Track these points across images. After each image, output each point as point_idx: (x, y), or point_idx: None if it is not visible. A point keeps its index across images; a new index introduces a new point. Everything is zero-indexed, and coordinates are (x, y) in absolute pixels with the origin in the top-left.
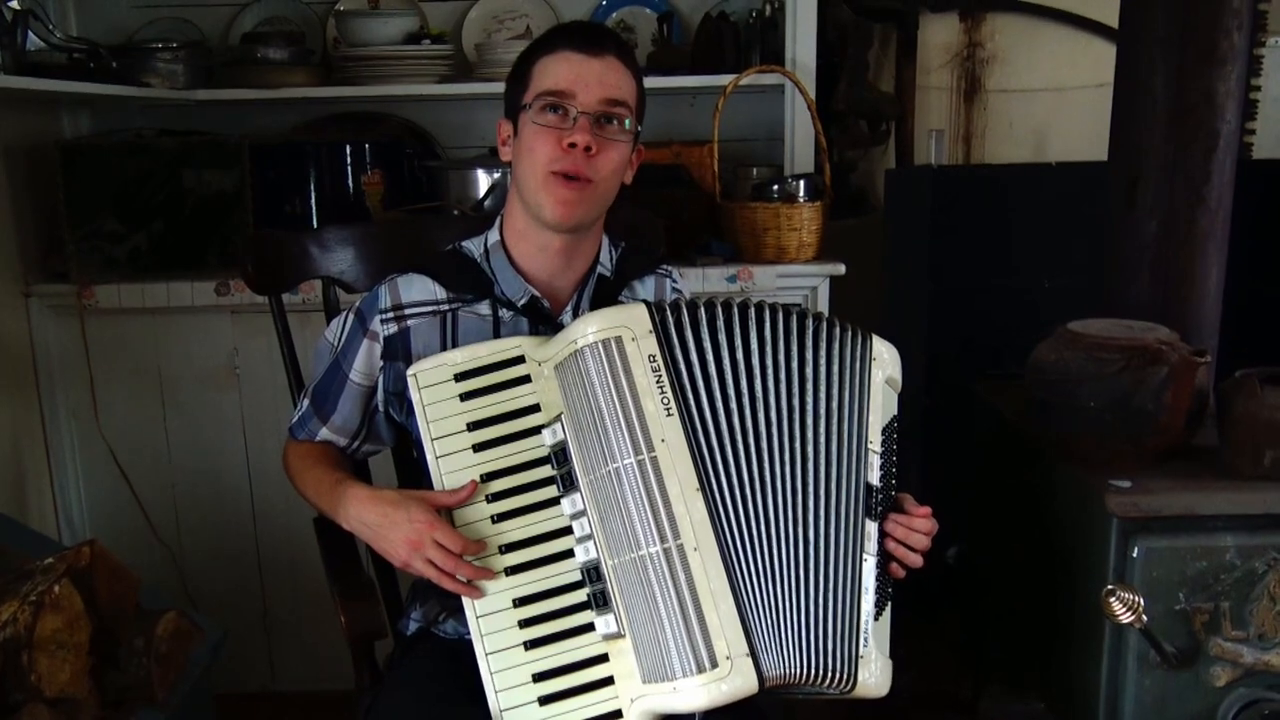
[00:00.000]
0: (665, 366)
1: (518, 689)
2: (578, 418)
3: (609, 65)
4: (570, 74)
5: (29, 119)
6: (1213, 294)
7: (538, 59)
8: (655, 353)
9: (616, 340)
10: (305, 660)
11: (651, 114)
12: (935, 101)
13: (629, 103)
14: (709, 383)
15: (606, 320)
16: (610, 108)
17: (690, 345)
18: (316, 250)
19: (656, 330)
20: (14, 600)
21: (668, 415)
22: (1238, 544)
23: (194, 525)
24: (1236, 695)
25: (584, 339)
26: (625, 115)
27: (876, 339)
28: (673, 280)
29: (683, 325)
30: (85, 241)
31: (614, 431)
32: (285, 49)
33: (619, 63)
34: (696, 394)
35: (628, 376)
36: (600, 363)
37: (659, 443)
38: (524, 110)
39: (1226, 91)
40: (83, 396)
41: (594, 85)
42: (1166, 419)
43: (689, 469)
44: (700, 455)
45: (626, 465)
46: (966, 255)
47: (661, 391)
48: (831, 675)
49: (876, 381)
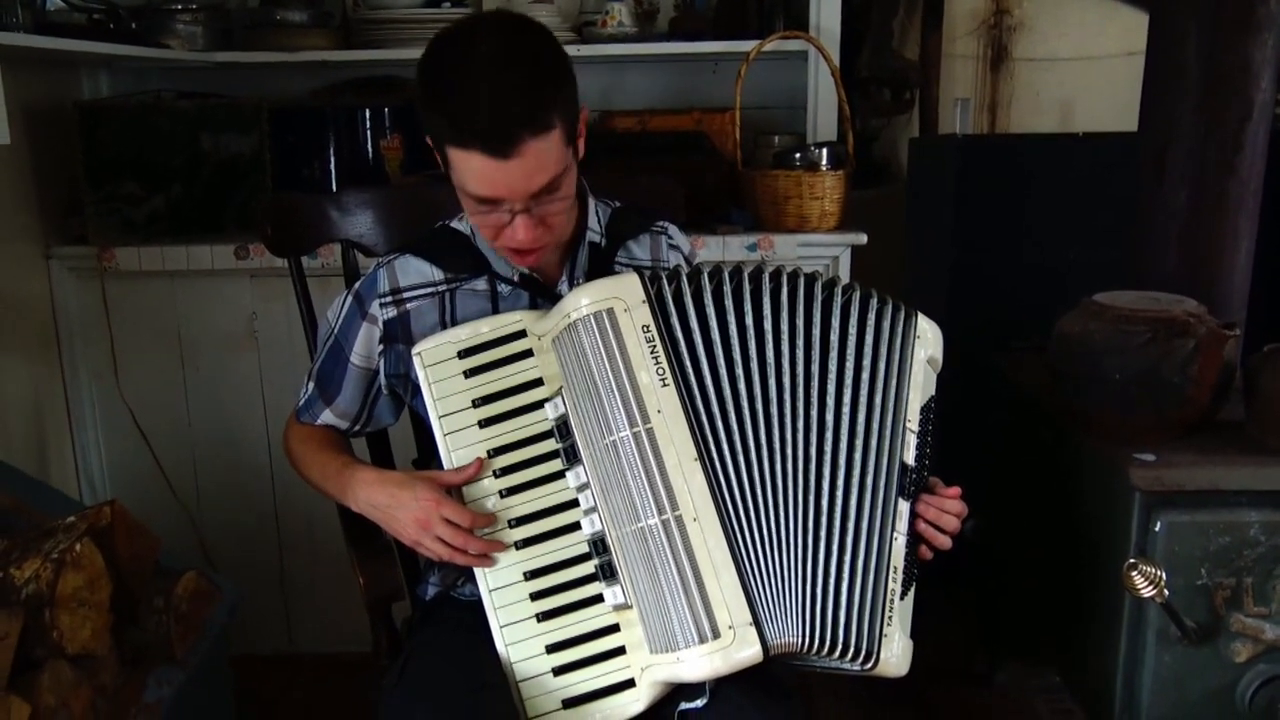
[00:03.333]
0: (660, 336)
1: (532, 660)
2: (576, 391)
3: (525, 159)
4: (490, 182)
5: (48, 80)
6: (1242, 266)
7: (448, 143)
8: (649, 323)
9: (609, 312)
10: (322, 623)
11: (673, 80)
12: (961, 70)
13: (558, 173)
14: (711, 350)
15: (599, 292)
16: (541, 194)
17: (690, 313)
18: (336, 213)
19: (650, 300)
20: (36, 558)
21: (663, 385)
22: (1262, 520)
23: (212, 487)
24: (1256, 671)
25: (576, 312)
26: (559, 184)
27: (922, 317)
28: (669, 237)
29: (681, 293)
30: (104, 204)
31: (609, 404)
32: (304, 12)
33: (535, 144)
34: (696, 362)
35: (621, 348)
36: (593, 335)
37: (654, 414)
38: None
39: (1263, 59)
40: (103, 359)
41: (519, 186)
42: (1193, 392)
43: (686, 439)
44: (699, 425)
45: (623, 438)
46: (990, 226)
47: (656, 362)
48: (849, 649)
49: (919, 359)
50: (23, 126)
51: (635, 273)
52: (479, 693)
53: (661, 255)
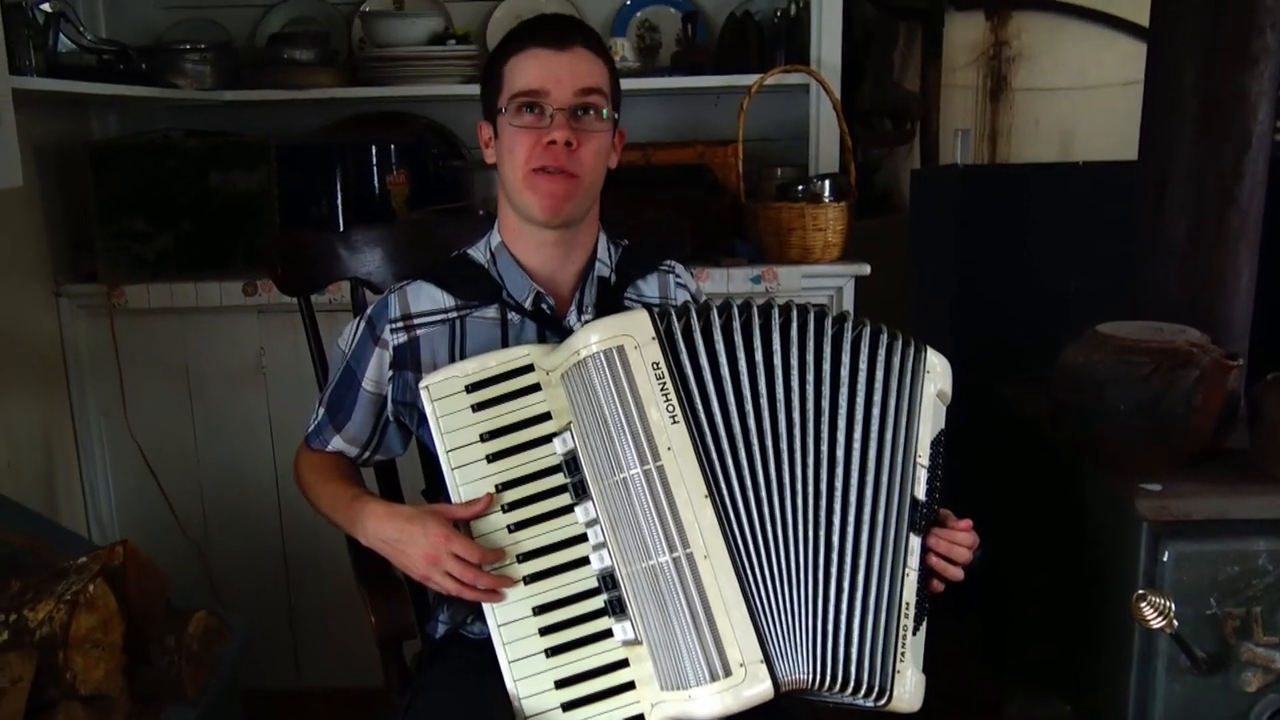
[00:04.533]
0: (670, 373)
1: (541, 695)
2: (585, 427)
3: (578, 57)
4: (541, 72)
5: (59, 120)
6: (1244, 295)
7: (508, 59)
8: (659, 359)
9: (619, 349)
10: (330, 658)
11: (676, 114)
12: (961, 100)
13: (604, 89)
14: (720, 386)
15: (609, 329)
16: (585, 98)
17: (699, 349)
18: (345, 251)
19: (659, 336)
20: (50, 599)
21: (673, 422)
22: (1270, 549)
23: (221, 522)
24: (1268, 701)
25: (587, 349)
26: (601, 104)
27: (931, 351)
28: (676, 276)
29: (690, 330)
30: (114, 241)
31: (620, 441)
32: (311, 50)
33: (588, 53)
34: (706, 399)
35: (631, 385)
36: (603, 372)
37: (665, 451)
38: (501, 113)
39: (1260, 90)
40: (112, 395)
41: (566, 79)
42: (1197, 422)
43: (697, 476)
44: (709, 461)
45: (633, 475)
46: (992, 255)
47: (666, 399)
48: (860, 685)
49: (929, 394)
50: (33, 166)
51: (644, 309)
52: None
53: (670, 293)
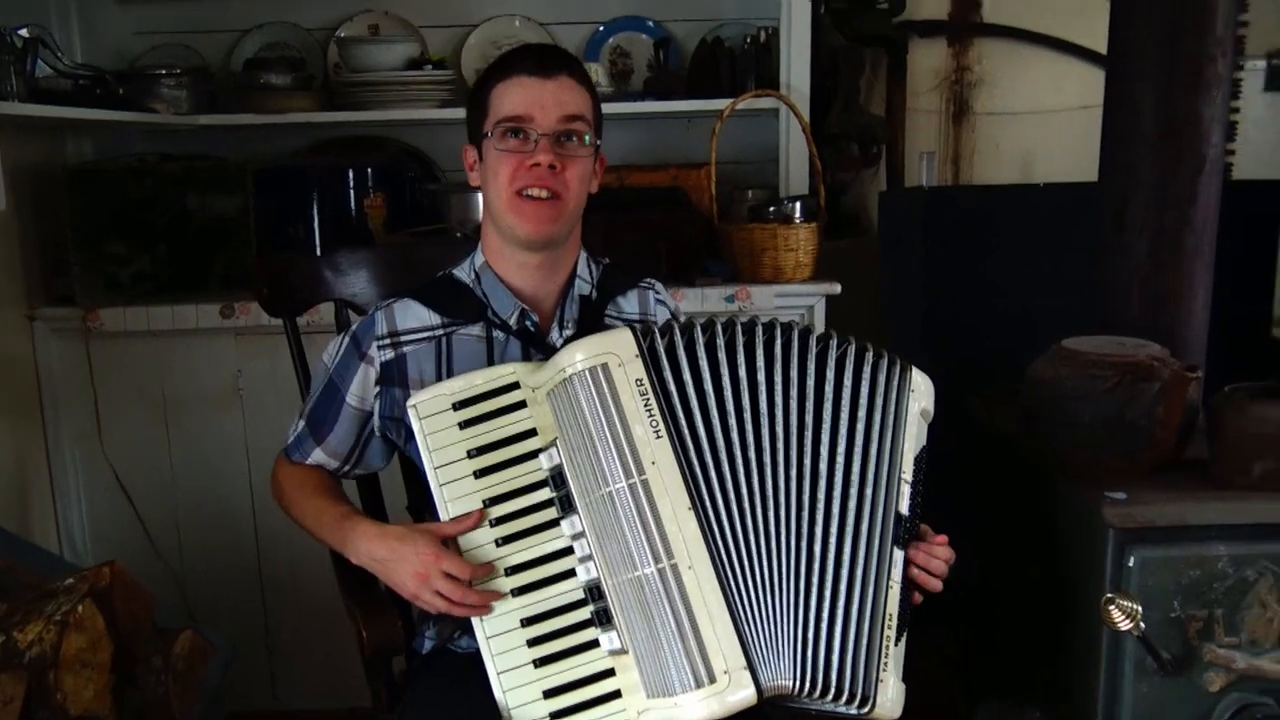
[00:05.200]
0: (653, 389)
1: (529, 706)
2: (571, 443)
3: (562, 85)
4: (526, 98)
5: (35, 144)
6: (1200, 312)
7: (494, 85)
8: (642, 376)
9: (603, 367)
10: (308, 680)
11: (649, 138)
12: (925, 124)
13: (586, 117)
14: (704, 401)
15: (593, 348)
16: (569, 124)
17: (683, 366)
18: (330, 274)
19: (643, 354)
20: (40, 620)
21: (657, 438)
22: (1230, 553)
23: (197, 545)
24: (1230, 700)
25: (572, 367)
26: (584, 130)
27: (915, 370)
28: (656, 293)
29: (674, 347)
30: (90, 264)
31: (605, 456)
32: (287, 75)
33: (572, 81)
34: (689, 414)
35: (615, 402)
36: (589, 390)
37: (649, 465)
38: (486, 138)
39: (1212, 115)
40: (87, 419)
41: (550, 106)
42: (1159, 433)
43: (680, 489)
44: (692, 474)
45: (618, 489)
46: (959, 274)
47: (650, 415)
48: (843, 693)
49: (912, 412)
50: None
51: (628, 328)
52: None
53: (649, 309)
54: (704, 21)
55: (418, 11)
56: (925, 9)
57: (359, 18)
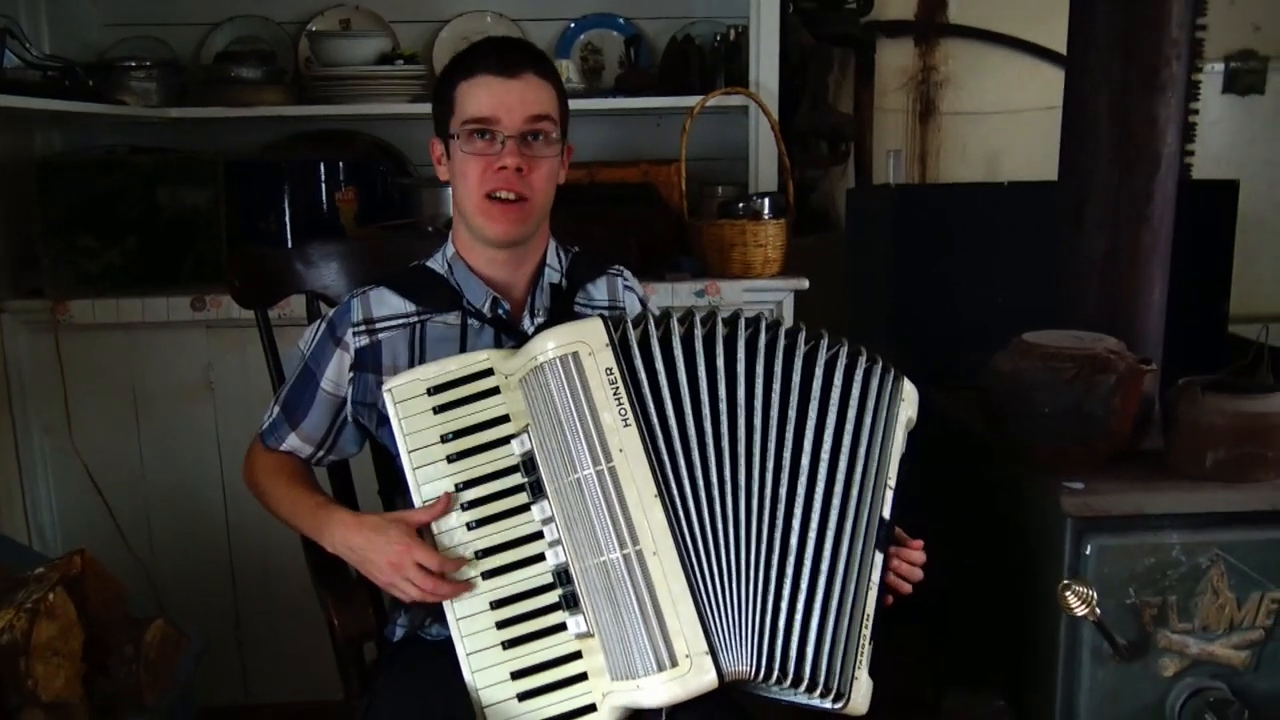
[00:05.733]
0: (623, 379)
1: (497, 686)
2: (542, 430)
3: (528, 84)
4: (491, 100)
5: (3, 136)
6: (1156, 307)
7: (458, 83)
8: (612, 366)
9: (574, 355)
10: (279, 672)
11: (620, 134)
12: (892, 123)
13: (552, 115)
14: (676, 391)
15: (564, 336)
16: (535, 124)
17: (655, 356)
18: (301, 266)
19: (613, 344)
20: (10, 608)
21: (625, 426)
22: (1183, 541)
23: (167, 538)
24: (1184, 684)
25: (543, 355)
26: (550, 129)
27: (905, 380)
28: (624, 280)
29: (647, 338)
30: (60, 257)
31: (574, 443)
32: (258, 68)
33: (538, 79)
34: (659, 404)
35: (585, 390)
36: (559, 378)
37: (617, 453)
38: (453, 138)
39: (1167, 116)
40: (56, 412)
41: (516, 107)
42: (1115, 423)
43: (647, 476)
44: (659, 463)
45: (586, 475)
46: (924, 270)
47: (619, 403)
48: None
49: (900, 419)
50: None
51: (600, 317)
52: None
53: (618, 296)
54: (675, 19)
55: (389, 6)
56: (892, 9)
57: (330, 12)
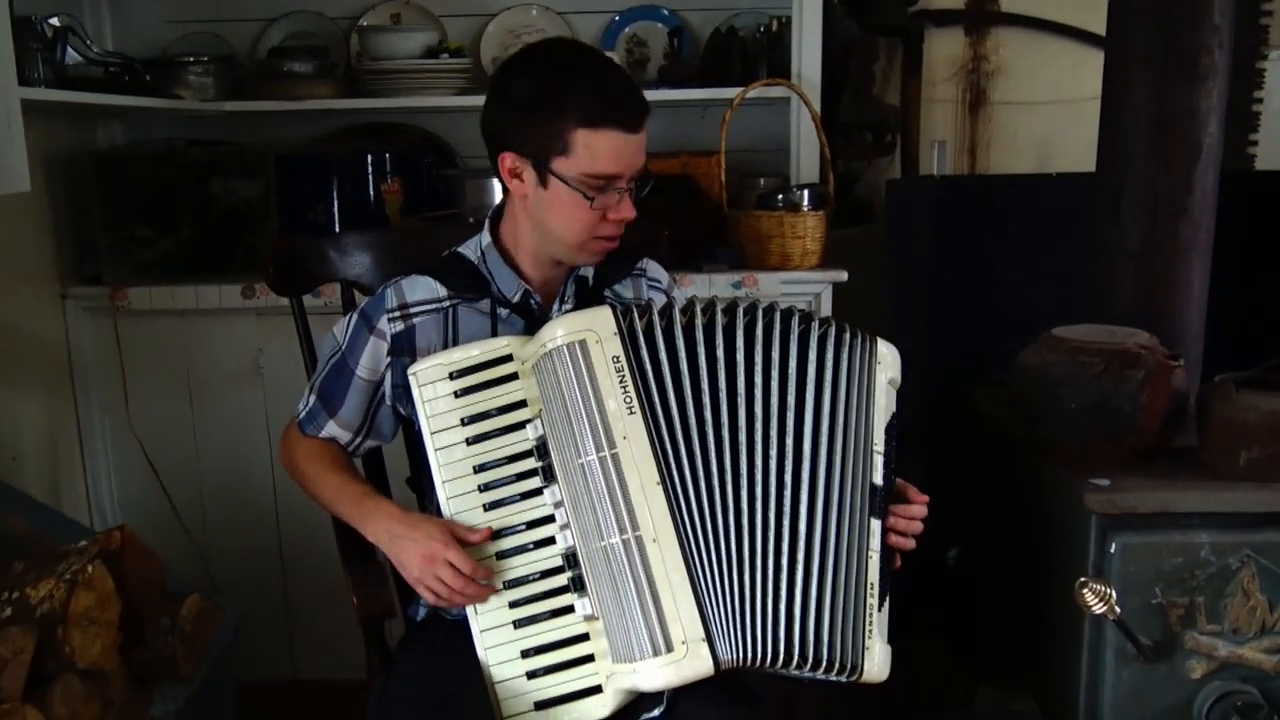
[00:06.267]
0: (629, 367)
1: (508, 664)
2: (552, 415)
3: (643, 136)
4: (619, 157)
5: (66, 130)
6: (1196, 302)
7: (579, 127)
8: (619, 354)
9: (581, 343)
10: (325, 650)
11: (664, 126)
12: (941, 114)
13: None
14: (679, 380)
15: (573, 324)
16: (641, 173)
17: (660, 345)
18: (335, 254)
19: (621, 333)
20: (51, 578)
21: (630, 413)
22: (1212, 541)
23: (220, 518)
24: (1212, 688)
25: (552, 342)
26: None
27: (880, 341)
28: (648, 277)
29: (653, 327)
30: (118, 246)
31: (579, 429)
32: (310, 62)
33: (646, 125)
34: (663, 392)
35: (591, 377)
36: (566, 365)
37: (620, 439)
38: (559, 174)
39: (1209, 106)
40: (115, 394)
41: (636, 161)
42: (1143, 419)
43: (650, 464)
44: (662, 450)
45: (590, 461)
46: (967, 263)
47: (624, 391)
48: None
49: (880, 383)
50: (41, 174)
51: (609, 306)
52: (459, 697)
53: (643, 294)
54: (719, 10)
55: (438, 1)
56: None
57: (381, 6)
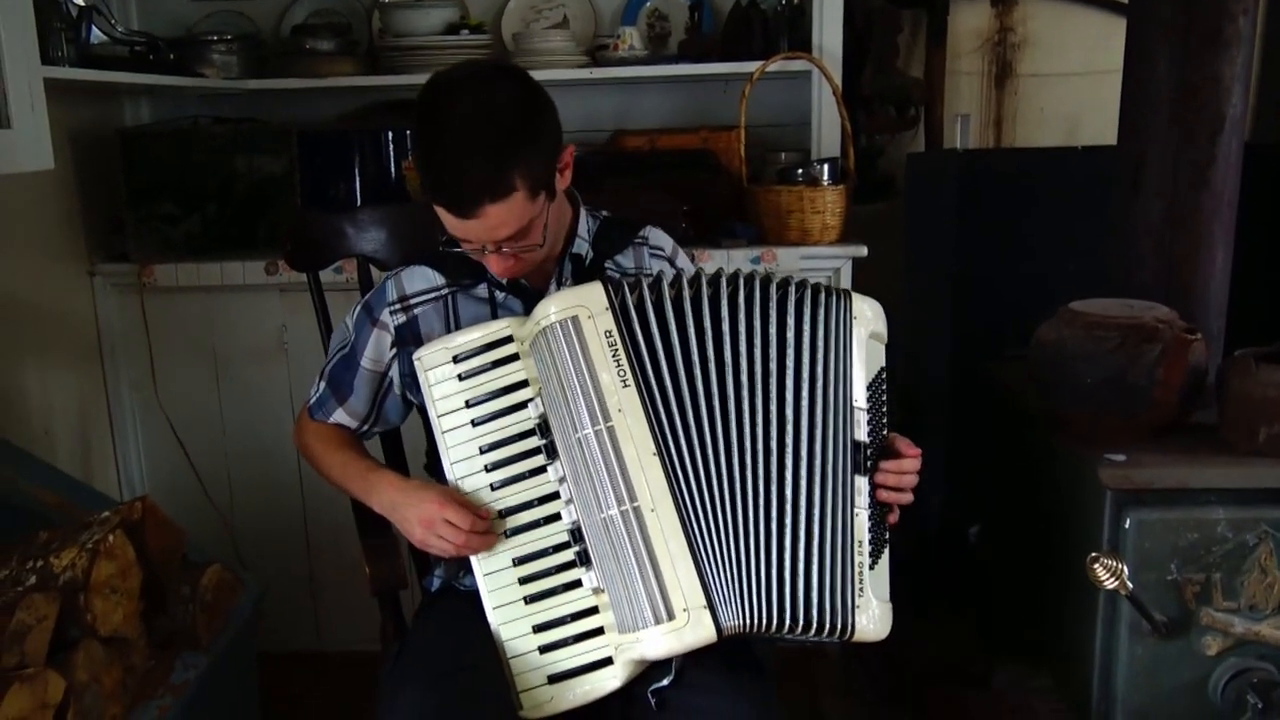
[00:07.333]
0: (622, 340)
1: (521, 639)
2: (550, 392)
3: (486, 218)
4: (457, 228)
5: (92, 108)
6: (1219, 275)
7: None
8: (612, 328)
9: (574, 319)
10: (348, 621)
11: (684, 100)
12: (966, 87)
13: (523, 224)
14: (670, 352)
15: (565, 301)
16: (505, 242)
17: (651, 318)
18: (351, 230)
19: (613, 307)
20: (73, 547)
21: (624, 386)
22: (1229, 517)
23: (245, 491)
24: (1228, 664)
25: (546, 319)
26: (525, 231)
27: (857, 297)
28: (650, 246)
29: (643, 301)
30: (144, 223)
31: (575, 404)
32: (332, 40)
33: (495, 207)
34: (656, 364)
35: (584, 352)
36: (560, 341)
37: (615, 412)
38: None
39: (1232, 75)
40: (143, 369)
41: (482, 235)
42: (1160, 394)
43: (646, 435)
44: (657, 421)
45: (586, 434)
46: (990, 238)
47: (618, 364)
48: (816, 625)
49: (859, 338)
50: (68, 152)
51: (600, 281)
52: (470, 670)
53: (644, 264)
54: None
55: None
56: None
57: None
